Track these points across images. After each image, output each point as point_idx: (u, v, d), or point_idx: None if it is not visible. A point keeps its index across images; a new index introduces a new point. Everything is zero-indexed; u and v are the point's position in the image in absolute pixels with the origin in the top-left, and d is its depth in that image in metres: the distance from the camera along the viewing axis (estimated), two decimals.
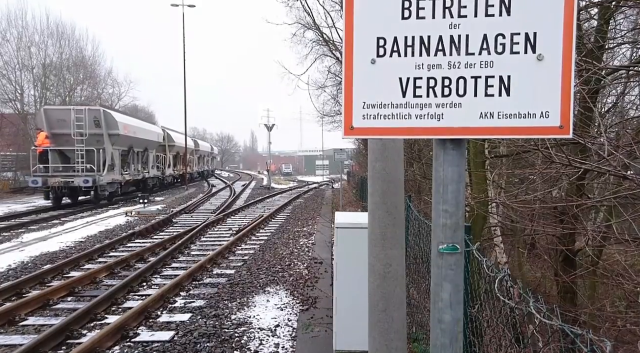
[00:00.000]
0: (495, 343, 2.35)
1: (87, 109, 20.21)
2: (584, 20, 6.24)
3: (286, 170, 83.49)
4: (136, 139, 23.62)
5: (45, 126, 19.64)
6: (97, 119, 20.09)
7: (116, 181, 21.15)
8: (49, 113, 19.97)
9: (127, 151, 23.18)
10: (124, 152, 22.92)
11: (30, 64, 35.44)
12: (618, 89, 6.54)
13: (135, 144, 23.85)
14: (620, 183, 4.74)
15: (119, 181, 21.51)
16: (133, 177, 23.92)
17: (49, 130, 19.71)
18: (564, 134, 1.48)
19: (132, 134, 22.64)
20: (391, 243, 2.88)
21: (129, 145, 23.13)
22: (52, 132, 19.80)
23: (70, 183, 18.78)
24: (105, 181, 19.78)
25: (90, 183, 18.66)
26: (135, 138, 23.32)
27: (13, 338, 5.37)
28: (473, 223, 6.81)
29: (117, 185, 21.23)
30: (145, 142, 25.47)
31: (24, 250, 10.65)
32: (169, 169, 31.92)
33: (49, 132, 19.71)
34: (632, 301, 5.07)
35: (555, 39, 1.45)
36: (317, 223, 14.80)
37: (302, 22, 19.05)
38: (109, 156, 20.54)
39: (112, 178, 20.70)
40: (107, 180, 20.00)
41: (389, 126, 1.58)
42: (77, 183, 18.69)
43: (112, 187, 20.71)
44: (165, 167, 30.92)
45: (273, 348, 5.18)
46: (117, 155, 21.65)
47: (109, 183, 20.35)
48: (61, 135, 19.80)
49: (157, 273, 8.44)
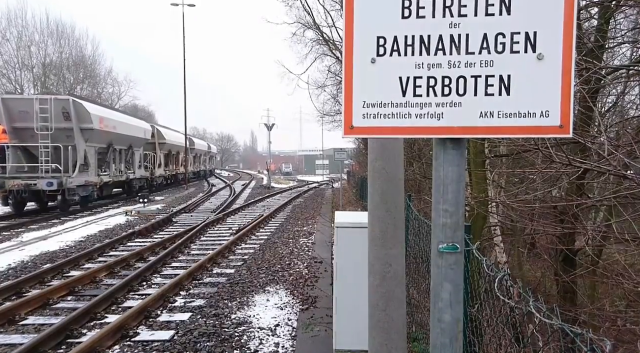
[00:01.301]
0: (495, 343, 2.35)
1: (52, 99, 17.07)
2: (584, 20, 6.24)
3: (286, 169, 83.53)
4: (117, 135, 20.71)
5: (4, 119, 16.77)
6: (66, 110, 17.01)
7: (90, 183, 18.11)
8: (8, 103, 16.98)
9: (105, 149, 20.29)
10: (102, 149, 19.99)
11: (30, 63, 35.51)
12: (618, 89, 6.53)
13: (116, 140, 20.95)
14: (620, 183, 4.74)
15: (94, 183, 18.55)
16: (114, 179, 21.02)
17: (10, 123, 16.92)
18: (564, 134, 1.48)
19: (111, 129, 19.76)
20: (391, 242, 2.88)
21: (108, 142, 20.26)
22: (13, 125, 16.99)
23: (32, 186, 15.86)
24: (75, 183, 16.72)
25: (55, 186, 15.83)
26: (115, 134, 20.43)
27: (13, 338, 5.37)
28: (473, 223, 6.81)
29: (92, 188, 18.26)
30: (128, 139, 22.70)
31: (24, 249, 10.65)
32: (159, 168, 29.38)
33: (8, 126, 16.92)
34: (632, 300, 5.06)
35: (556, 39, 1.45)
36: (317, 223, 14.81)
37: (302, 21, 19.09)
38: (82, 154, 17.58)
39: (86, 180, 17.69)
40: (78, 182, 16.99)
41: (389, 125, 1.58)
42: (40, 186, 15.87)
43: (85, 190, 17.61)
44: (154, 167, 28.36)
45: (273, 348, 5.18)
46: (92, 154, 18.64)
47: (81, 186, 17.25)
48: (24, 129, 17.03)
49: (157, 273, 8.44)
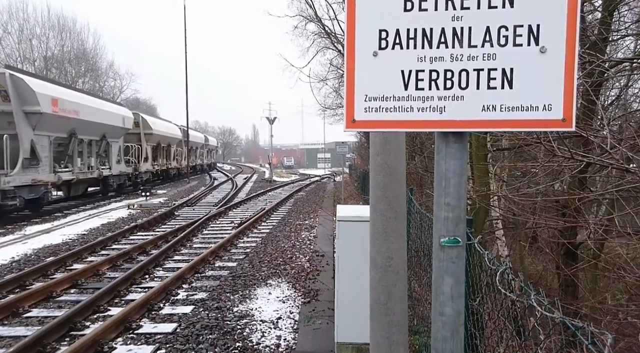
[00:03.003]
0: (497, 336, 2.36)
1: None
2: (588, 12, 6.19)
3: (288, 163, 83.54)
4: (82, 122, 16.86)
5: None
6: (3, 88, 13.06)
7: (39, 183, 14.30)
8: None
9: (66, 139, 16.28)
10: (61, 140, 16.03)
11: (32, 56, 35.51)
12: (621, 82, 6.49)
13: (82, 129, 17.07)
14: (622, 177, 4.73)
15: (46, 183, 14.78)
16: (79, 176, 17.20)
17: None
18: (567, 127, 1.47)
19: (71, 114, 15.87)
20: (393, 236, 2.88)
21: (69, 131, 16.29)
22: None
23: None
24: (16, 183, 13.10)
25: None
26: (79, 120, 16.59)
27: (17, 330, 5.41)
28: (475, 217, 6.80)
29: (43, 188, 14.64)
30: (100, 128, 18.74)
31: (27, 242, 10.70)
32: (145, 163, 25.48)
33: None
34: (633, 294, 5.06)
35: (559, 31, 1.44)
36: (318, 217, 14.82)
37: (304, 14, 19.00)
38: (26, 146, 13.71)
39: (33, 178, 13.98)
40: (20, 181, 13.32)
41: (391, 119, 1.58)
42: None
43: (32, 191, 14.04)
44: (140, 162, 24.61)
45: (275, 340, 5.21)
46: (43, 145, 14.67)
47: (25, 187, 13.64)
48: None
49: (160, 266, 8.47)
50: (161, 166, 29.06)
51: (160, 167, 28.88)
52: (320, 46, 20.40)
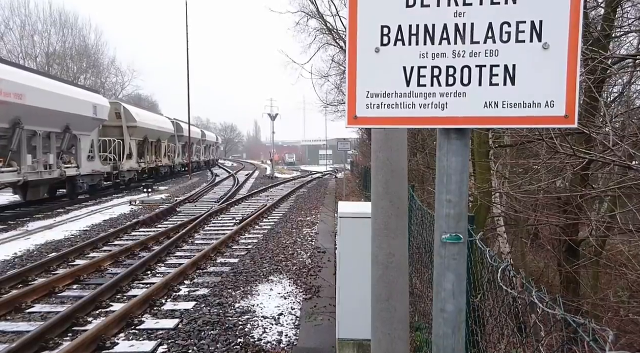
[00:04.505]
0: (498, 333, 2.36)
1: None
2: (591, 9, 6.17)
3: (289, 159, 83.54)
4: (30, 109, 13.17)
5: None
6: None
7: None
8: None
9: (8, 130, 12.88)
10: (0, 133, 12.79)
11: (34, 52, 35.54)
12: (624, 79, 6.47)
13: (29, 118, 13.38)
14: (624, 174, 4.73)
15: None
16: (26, 178, 13.54)
17: None
18: (569, 124, 1.47)
19: (12, 98, 12.37)
20: (394, 233, 2.88)
21: (12, 120, 12.81)
22: None
23: None
24: None
25: None
26: (25, 107, 12.95)
27: (19, 325, 5.43)
28: (476, 213, 6.81)
29: None
30: (60, 117, 15.19)
31: (30, 238, 10.73)
32: (128, 160, 22.04)
33: None
34: (635, 291, 5.07)
35: (561, 28, 1.44)
36: (320, 213, 14.83)
37: (306, 10, 18.97)
38: None
39: None
40: None
41: (392, 116, 1.58)
42: None
43: None
44: (121, 159, 21.38)
45: (276, 336, 5.22)
46: None
47: None
48: None
49: (162, 262, 8.49)
50: (149, 163, 25.51)
51: (148, 164, 25.37)
52: (322, 42, 20.40)
